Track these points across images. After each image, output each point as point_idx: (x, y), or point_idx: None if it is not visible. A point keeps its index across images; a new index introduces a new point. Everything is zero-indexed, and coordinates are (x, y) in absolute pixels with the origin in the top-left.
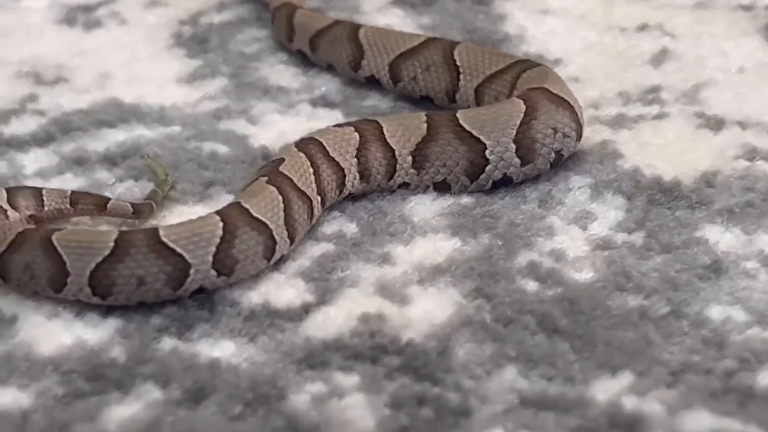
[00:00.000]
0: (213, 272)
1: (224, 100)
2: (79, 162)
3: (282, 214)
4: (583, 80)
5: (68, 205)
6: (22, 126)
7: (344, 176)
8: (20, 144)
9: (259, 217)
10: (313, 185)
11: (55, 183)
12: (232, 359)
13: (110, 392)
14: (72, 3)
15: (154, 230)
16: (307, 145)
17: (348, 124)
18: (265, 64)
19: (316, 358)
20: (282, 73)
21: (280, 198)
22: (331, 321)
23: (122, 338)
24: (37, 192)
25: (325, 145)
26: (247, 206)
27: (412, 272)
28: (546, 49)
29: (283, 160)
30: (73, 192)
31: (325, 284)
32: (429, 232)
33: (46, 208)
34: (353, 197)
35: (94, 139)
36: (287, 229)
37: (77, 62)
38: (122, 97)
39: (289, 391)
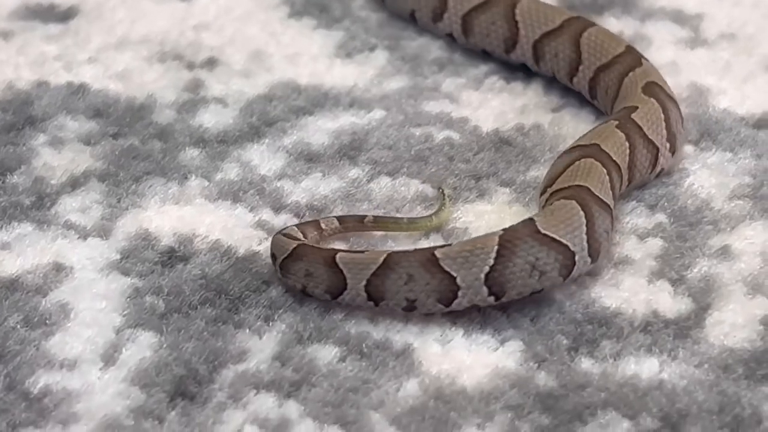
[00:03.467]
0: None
1: (404, 77)
2: (310, 158)
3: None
4: (740, 37)
5: (338, 226)
6: (215, 118)
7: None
8: (229, 139)
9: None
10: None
11: (307, 184)
12: (665, 377)
13: (572, 424)
14: None
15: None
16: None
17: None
18: (412, 33)
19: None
20: (432, 42)
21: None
22: (733, 326)
23: (536, 361)
24: (316, 223)
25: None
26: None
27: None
28: (682, 3)
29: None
30: (339, 217)
31: (693, 285)
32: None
33: (324, 233)
34: None
35: (304, 131)
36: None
37: (211, 39)
38: (297, 79)
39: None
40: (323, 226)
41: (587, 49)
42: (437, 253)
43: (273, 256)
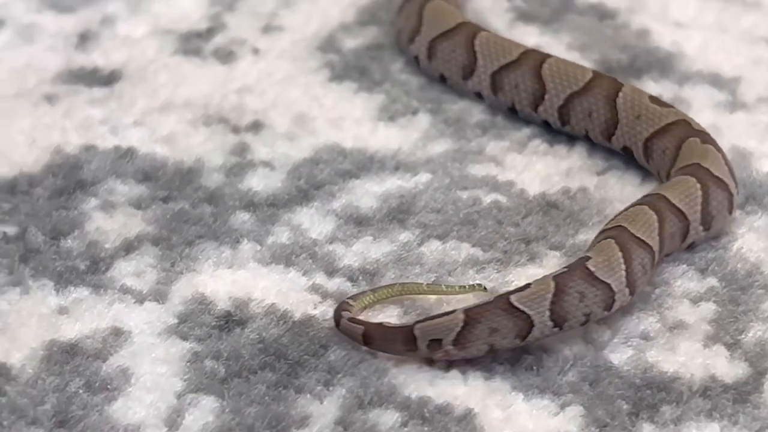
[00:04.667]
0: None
1: (448, 140)
2: (359, 221)
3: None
4: None
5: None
6: (263, 181)
7: (688, 227)
8: (278, 203)
9: None
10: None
11: (358, 248)
12: None
13: None
14: (176, 29)
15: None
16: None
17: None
18: (453, 96)
19: None
20: (474, 105)
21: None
22: None
23: (598, 426)
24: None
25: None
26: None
27: None
28: (718, 67)
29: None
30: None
31: (749, 349)
32: None
33: None
34: None
35: (352, 194)
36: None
37: (254, 102)
38: (342, 142)
39: None
40: None
41: (623, 109)
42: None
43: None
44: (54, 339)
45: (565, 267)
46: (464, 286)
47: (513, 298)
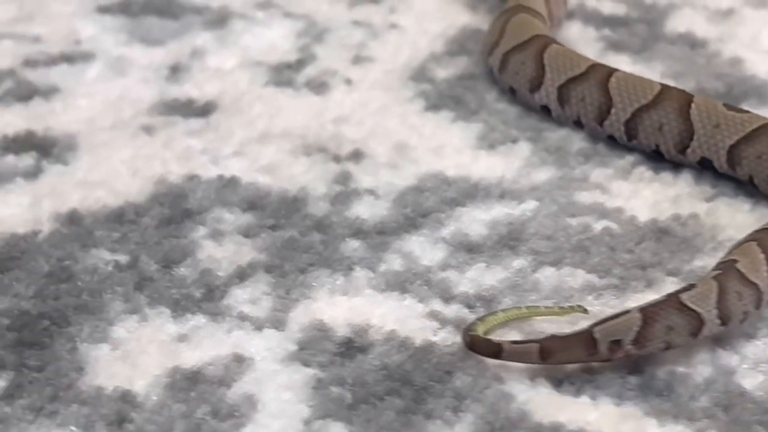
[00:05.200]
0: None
1: (551, 168)
2: (470, 248)
3: None
4: None
5: None
6: (369, 210)
7: None
8: (387, 231)
9: None
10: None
11: (472, 274)
12: None
13: None
14: (265, 61)
15: None
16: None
17: None
18: (551, 125)
19: None
20: (574, 134)
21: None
22: None
23: None
24: None
25: None
26: None
27: None
28: None
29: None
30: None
31: None
32: None
33: None
34: None
35: (460, 221)
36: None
37: (352, 132)
38: (444, 171)
39: None
40: None
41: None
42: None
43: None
44: (176, 366)
45: (716, 269)
46: (563, 307)
47: (684, 297)
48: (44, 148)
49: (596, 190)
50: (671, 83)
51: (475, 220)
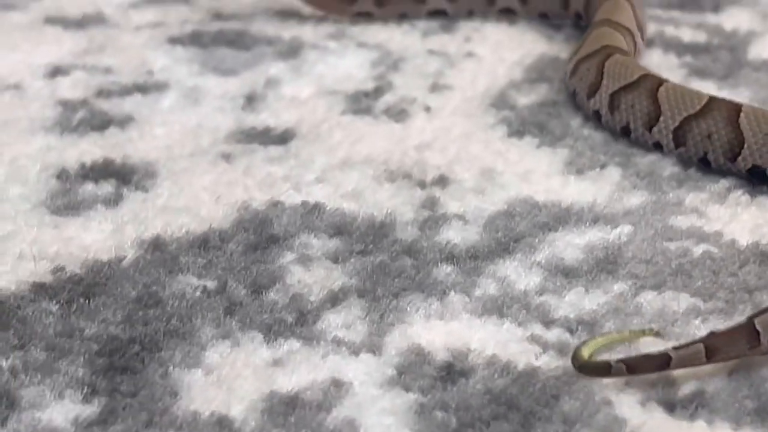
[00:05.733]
0: None
1: (644, 192)
2: (566, 273)
3: None
4: None
5: None
6: (459, 234)
7: None
8: (480, 255)
9: None
10: None
11: (571, 298)
12: None
13: None
14: (342, 89)
15: None
16: None
17: None
18: (640, 150)
19: None
20: (665, 158)
21: None
22: None
23: None
24: None
25: None
26: None
27: None
28: None
29: None
30: None
31: None
32: None
33: None
34: None
35: (554, 246)
36: None
37: (435, 158)
38: (534, 195)
39: None
40: None
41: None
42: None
43: None
44: (273, 390)
45: None
46: (634, 331)
47: None
48: (123, 176)
49: (692, 214)
50: None
51: (570, 245)
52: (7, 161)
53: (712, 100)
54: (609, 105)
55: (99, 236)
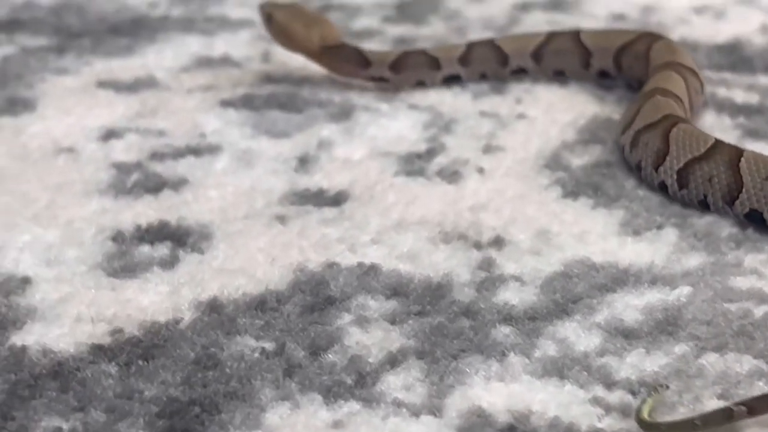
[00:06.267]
0: None
1: (702, 254)
2: (626, 334)
3: None
4: None
5: None
6: (517, 296)
7: None
8: (538, 316)
9: None
10: None
11: (632, 360)
12: None
13: None
14: (394, 151)
15: None
16: None
17: None
18: (696, 211)
19: None
20: (722, 220)
21: None
22: None
23: None
24: None
25: None
26: None
27: None
28: None
29: None
30: None
31: None
32: None
33: None
34: None
35: (612, 307)
36: None
37: (490, 219)
38: (591, 257)
39: None
40: None
41: (748, 173)
42: None
43: None
44: None
45: None
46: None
47: None
48: (179, 238)
49: (752, 275)
50: None
51: (629, 306)
52: (63, 224)
53: (718, 143)
54: (631, 144)
55: (156, 298)
